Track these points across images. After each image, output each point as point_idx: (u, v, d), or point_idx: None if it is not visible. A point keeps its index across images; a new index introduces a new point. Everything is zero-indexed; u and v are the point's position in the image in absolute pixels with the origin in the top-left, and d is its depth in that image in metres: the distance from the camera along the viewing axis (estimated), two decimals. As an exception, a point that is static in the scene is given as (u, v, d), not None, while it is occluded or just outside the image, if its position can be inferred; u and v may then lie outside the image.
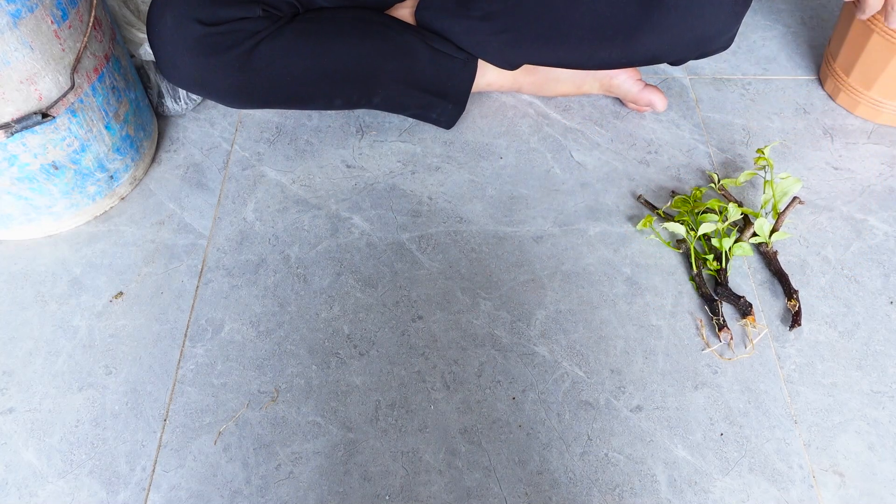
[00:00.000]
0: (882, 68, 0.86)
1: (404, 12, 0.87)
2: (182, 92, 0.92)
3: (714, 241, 0.78)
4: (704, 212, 0.81)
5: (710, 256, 0.78)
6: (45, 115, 0.69)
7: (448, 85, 0.88)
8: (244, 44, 0.73)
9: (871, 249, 0.81)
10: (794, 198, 0.81)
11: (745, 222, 0.82)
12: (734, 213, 0.79)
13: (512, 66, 0.89)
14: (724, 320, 0.73)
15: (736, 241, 0.79)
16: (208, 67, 0.73)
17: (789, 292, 0.75)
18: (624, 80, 0.93)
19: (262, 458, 0.66)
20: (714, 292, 0.76)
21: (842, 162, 0.91)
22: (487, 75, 0.92)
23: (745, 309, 0.74)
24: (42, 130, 0.71)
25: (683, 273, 0.79)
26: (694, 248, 0.79)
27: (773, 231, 0.79)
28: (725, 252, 0.78)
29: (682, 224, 0.80)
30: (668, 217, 0.83)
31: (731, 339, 0.73)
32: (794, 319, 0.74)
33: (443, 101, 0.89)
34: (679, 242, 0.81)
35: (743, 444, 0.66)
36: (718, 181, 0.85)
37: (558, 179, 0.89)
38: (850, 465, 0.65)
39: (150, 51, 0.81)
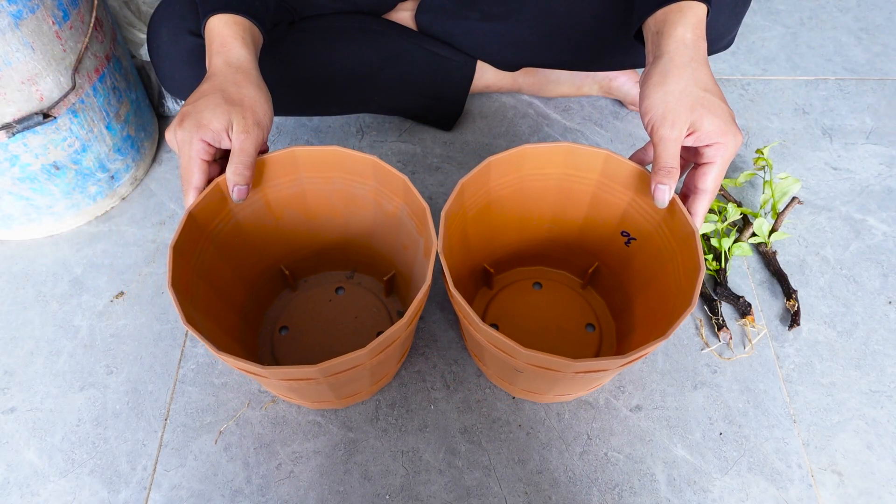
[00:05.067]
0: None
1: (404, 15, 0.87)
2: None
3: (713, 241, 0.79)
4: (704, 212, 0.81)
5: (710, 256, 0.78)
6: (46, 116, 0.69)
7: (445, 88, 0.88)
8: None
9: (869, 249, 0.82)
10: (793, 198, 0.82)
11: (745, 222, 0.82)
12: (733, 214, 0.79)
13: (511, 67, 0.89)
14: (723, 320, 0.74)
15: (735, 242, 0.79)
16: None
17: (788, 292, 0.76)
18: (624, 81, 0.93)
19: (263, 457, 0.66)
20: (713, 292, 0.76)
21: (840, 162, 0.91)
22: (486, 77, 0.92)
23: (744, 309, 0.74)
24: (43, 131, 0.71)
25: (683, 273, 0.79)
26: (693, 248, 0.79)
27: (772, 231, 0.80)
28: (725, 252, 0.78)
29: (681, 224, 0.80)
30: (667, 217, 0.84)
31: (731, 338, 0.73)
32: (793, 319, 0.74)
33: (440, 104, 0.90)
34: (678, 242, 0.81)
35: (742, 443, 0.67)
36: (718, 181, 0.85)
37: (558, 180, 0.89)
38: (849, 465, 0.65)
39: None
